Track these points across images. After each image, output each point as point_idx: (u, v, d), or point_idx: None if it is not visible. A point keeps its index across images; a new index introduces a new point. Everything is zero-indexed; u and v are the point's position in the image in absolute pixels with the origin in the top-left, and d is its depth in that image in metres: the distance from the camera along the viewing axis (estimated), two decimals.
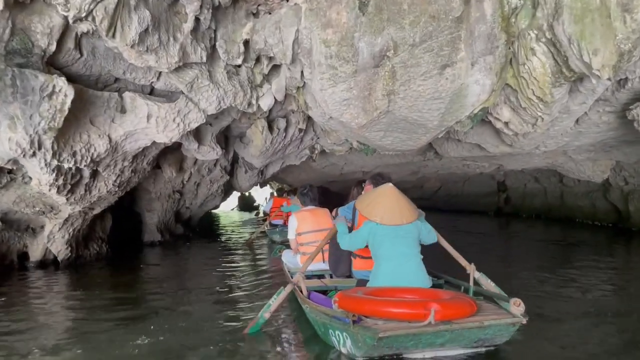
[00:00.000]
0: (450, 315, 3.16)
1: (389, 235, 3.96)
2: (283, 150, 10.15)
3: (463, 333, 3.18)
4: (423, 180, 22.62)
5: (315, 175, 18.04)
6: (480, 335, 3.26)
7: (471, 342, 3.34)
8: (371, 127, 6.41)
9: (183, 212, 12.02)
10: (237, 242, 12.22)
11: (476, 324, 3.17)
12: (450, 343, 3.27)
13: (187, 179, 10.45)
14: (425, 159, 11.22)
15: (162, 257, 8.96)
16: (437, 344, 3.23)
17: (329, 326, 3.50)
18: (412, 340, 3.13)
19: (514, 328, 3.32)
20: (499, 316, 3.36)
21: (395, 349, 3.22)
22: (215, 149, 8.22)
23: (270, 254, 9.29)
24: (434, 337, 3.15)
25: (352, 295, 3.52)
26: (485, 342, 3.38)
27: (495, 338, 3.36)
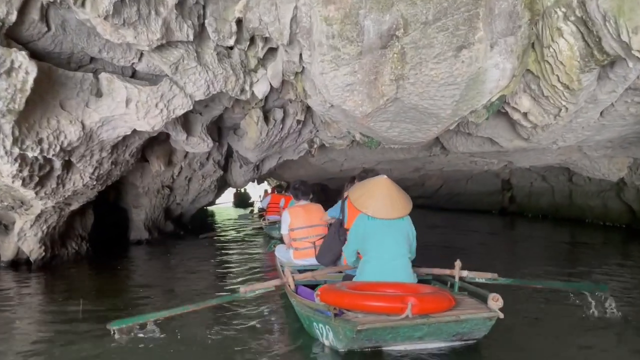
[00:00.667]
0: (427, 309, 3.22)
1: (379, 230, 3.94)
2: (280, 143, 9.51)
3: (440, 327, 3.25)
4: (425, 177, 22.03)
5: (314, 172, 17.39)
6: (457, 329, 3.32)
7: (450, 336, 3.39)
8: (377, 116, 5.78)
9: (173, 209, 11.38)
10: (231, 239, 11.64)
11: (453, 318, 3.23)
12: (429, 337, 3.33)
13: (177, 173, 9.82)
14: (431, 155, 10.58)
15: (148, 257, 8.33)
16: (415, 337, 3.30)
17: (313, 319, 3.57)
18: (390, 333, 3.20)
19: (490, 322, 3.34)
20: (476, 310, 3.41)
21: (374, 341, 3.29)
22: (206, 140, 7.59)
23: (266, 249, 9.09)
24: (412, 331, 3.22)
25: (333, 288, 3.58)
26: (464, 336, 3.42)
27: (474, 332, 3.40)
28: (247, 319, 4.34)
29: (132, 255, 8.39)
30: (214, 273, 6.99)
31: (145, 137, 6.70)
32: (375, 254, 3.89)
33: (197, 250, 9.26)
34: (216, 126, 9.66)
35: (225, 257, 8.67)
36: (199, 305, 3.97)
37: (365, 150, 11.67)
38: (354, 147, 11.66)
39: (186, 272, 6.95)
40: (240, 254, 9.51)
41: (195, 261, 7.80)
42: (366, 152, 11.75)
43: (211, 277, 6.61)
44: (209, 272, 7.03)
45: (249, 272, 6.97)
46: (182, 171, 10.04)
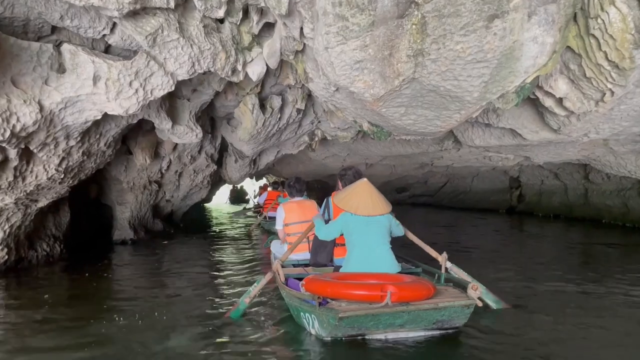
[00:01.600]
0: (406, 297, 3.31)
1: (361, 225, 4.15)
2: (278, 135, 8.69)
3: (420, 314, 3.34)
4: (428, 175, 21.24)
5: (314, 168, 16.57)
6: (437, 317, 3.41)
7: (430, 324, 3.48)
8: (390, 100, 4.96)
9: (163, 206, 10.55)
10: (225, 236, 10.83)
11: (432, 305, 3.33)
12: (410, 324, 3.43)
13: (165, 167, 8.99)
14: (442, 149, 9.74)
15: (131, 259, 7.50)
16: (396, 324, 3.40)
17: (300, 309, 3.71)
18: (371, 320, 3.31)
19: (468, 310, 3.44)
20: (455, 299, 3.49)
21: (357, 329, 3.39)
22: (195, 130, 6.76)
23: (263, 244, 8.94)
24: (392, 318, 3.32)
25: (317, 278, 3.68)
26: (444, 324, 3.51)
27: (453, 320, 3.49)
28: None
29: (113, 257, 7.56)
30: (202, 278, 6.14)
31: (123, 124, 5.87)
32: (360, 246, 4.11)
33: (188, 251, 8.43)
34: (208, 116, 8.83)
35: (216, 257, 7.86)
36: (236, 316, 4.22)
37: (370, 143, 10.84)
38: (358, 141, 10.84)
39: (171, 276, 6.12)
40: (233, 252, 8.74)
41: (183, 264, 6.96)
42: (371, 145, 10.92)
43: (198, 283, 5.77)
44: (197, 276, 6.19)
45: (240, 275, 6.24)
46: (171, 165, 9.21)
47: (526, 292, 5.26)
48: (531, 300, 4.89)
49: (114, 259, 7.42)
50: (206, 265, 7.17)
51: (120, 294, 5.23)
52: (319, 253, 4.79)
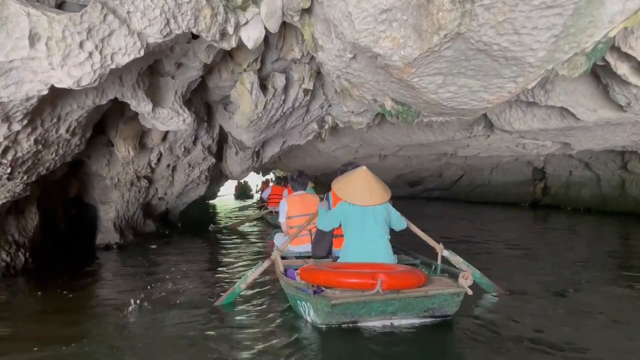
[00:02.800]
0: (396, 285, 3.38)
1: (358, 215, 4.14)
2: (282, 122, 7.56)
3: (410, 302, 3.41)
4: (443, 167, 20.06)
5: (323, 161, 15.44)
6: (427, 305, 3.47)
7: (422, 312, 3.54)
8: (425, 65, 3.81)
9: (155, 205, 9.44)
10: (228, 234, 9.74)
11: (421, 293, 3.39)
12: (401, 312, 3.50)
13: (155, 160, 7.88)
14: (470, 136, 8.56)
15: (113, 269, 6.41)
16: (388, 312, 3.47)
17: (297, 297, 3.79)
18: (363, 307, 3.38)
19: (458, 298, 3.49)
20: (444, 287, 3.55)
21: (350, 316, 3.45)
22: (182, 114, 5.64)
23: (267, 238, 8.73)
24: (384, 305, 3.39)
25: (312, 268, 3.79)
26: (436, 312, 3.56)
27: (444, 308, 3.54)
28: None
29: (91, 266, 6.44)
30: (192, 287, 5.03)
31: (89, 105, 4.73)
32: (356, 236, 4.12)
33: (180, 254, 7.31)
34: (202, 100, 7.72)
35: (214, 257, 6.77)
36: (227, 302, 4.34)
37: (387, 131, 9.67)
38: (373, 128, 9.68)
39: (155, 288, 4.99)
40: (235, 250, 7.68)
41: (177, 275, 5.81)
42: (388, 133, 9.76)
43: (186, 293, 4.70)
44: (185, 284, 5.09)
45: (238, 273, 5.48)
46: (161, 158, 8.11)
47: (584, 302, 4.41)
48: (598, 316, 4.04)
49: (90, 268, 6.30)
50: (198, 271, 6.07)
51: (83, 320, 4.12)
52: (318, 245, 4.75)
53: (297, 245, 5.29)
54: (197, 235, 9.89)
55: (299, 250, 5.28)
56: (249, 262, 6.63)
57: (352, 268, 3.75)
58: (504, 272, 5.48)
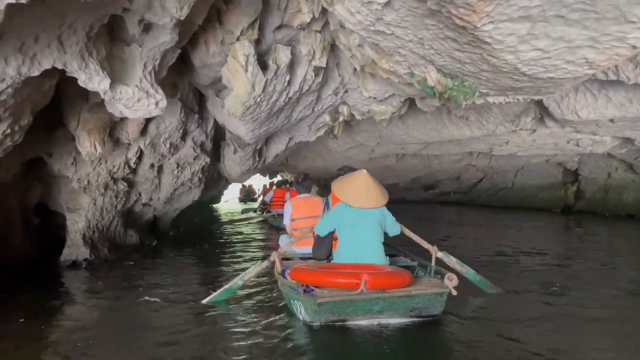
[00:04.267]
0: (381, 285, 3.50)
1: (354, 216, 4.21)
2: (288, 112, 6.17)
3: (395, 301, 3.52)
4: (461, 170, 18.57)
5: (335, 162, 14.01)
6: (412, 304, 3.58)
7: (407, 311, 3.62)
8: (509, 2, 2.40)
9: (139, 212, 8.05)
10: (230, 243, 8.33)
11: (404, 293, 3.51)
12: (387, 311, 3.59)
13: (134, 159, 6.51)
14: (516, 129, 7.07)
15: (69, 295, 5.04)
16: (374, 311, 3.57)
17: (290, 296, 3.92)
18: (349, 306, 3.51)
19: (441, 298, 3.59)
20: (428, 287, 3.66)
21: (337, 314, 3.56)
22: (153, 95, 4.26)
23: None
24: (369, 304, 3.51)
25: (302, 268, 3.95)
26: (422, 312, 3.65)
27: (429, 308, 3.63)
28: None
29: (40, 294, 5.03)
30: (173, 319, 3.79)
31: (13, 76, 3.37)
32: (351, 238, 4.19)
33: (167, 275, 5.93)
34: (190, 86, 6.35)
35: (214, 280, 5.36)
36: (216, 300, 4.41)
37: (411, 125, 8.25)
38: (394, 123, 8.27)
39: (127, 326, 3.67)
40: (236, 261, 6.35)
41: (148, 306, 4.47)
42: (412, 128, 8.33)
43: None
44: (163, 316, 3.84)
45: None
46: (143, 157, 6.75)
47: None
48: None
49: (38, 298, 4.90)
50: (180, 295, 4.71)
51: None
52: (319, 248, 4.74)
53: (302, 247, 5.35)
54: (190, 246, 8.47)
55: (303, 252, 5.30)
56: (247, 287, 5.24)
57: (339, 268, 3.89)
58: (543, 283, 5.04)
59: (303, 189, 5.87)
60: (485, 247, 8.00)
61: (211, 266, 6.68)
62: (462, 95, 3.70)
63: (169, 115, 6.28)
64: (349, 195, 4.25)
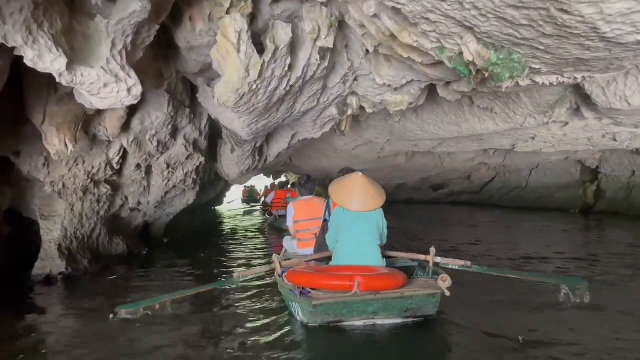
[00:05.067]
0: (374, 287, 3.53)
1: (351, 220, 4.24)
2: (289, 103, 5.40)
3: (389, 302, 3.53)
4: (472, 169, 17.73)
5: (341, 162, 13.22)
6: (406, 305, 3.58)
7: (402, 312, 3.64)
8: None
9: (127, 218, 7.28)
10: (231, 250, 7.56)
11: (397, 294, 3.52)
12: (382, 312, 3.61)
13: (116, 159, 5.76)
14: (549, 121, 6.25)
15: (37, 319, 4.30)
16: (369, 312, 3.59)
17: (289, 298, 4.00)
18: (344, 308, 3.53)
19: (434, 299, 3.58)
20: (421, 288, 3.68)
21: (333, 316, 3.60)
22: (124, 80, 3.50)
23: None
24: (364, 306, 3.52)
25: (297, 271, 3.99)
26: (417, 312, 3.66)
27: (423, 309, 3.64)
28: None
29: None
30: None
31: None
32: (348, 241, 4.21)
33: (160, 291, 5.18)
34: (178, 75, 5.61)
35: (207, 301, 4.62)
36: (197, 290, 4.42)
37: (428, 119, 7.47)
38: (407, 117, 7.50)
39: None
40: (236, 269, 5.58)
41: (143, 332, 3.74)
42: (428, 122, 7.54)
43: None
44: None
45: None
46: (127, 156, 6.00)
47: None
48: None
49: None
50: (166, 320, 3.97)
51: None
52: (320, 249, 4.78)
53: (304, 249, 5.42)
54: (185, 255, 7.72)
55: (305, 253, 5.29)
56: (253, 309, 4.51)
57: (334, 271, 3.92)
58: None
59: (305, 191, 5.92)
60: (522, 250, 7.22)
61: (205, 277, 5.91)
62: (507, 73, 2.92)
63: (154, 109, 5.53)
64: (346, 200, 4.30)
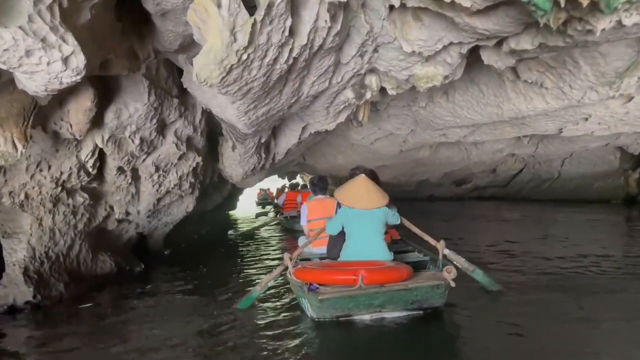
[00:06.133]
0: (378, 280, 3.57)
1: (357, 217, 4.41)
2: (295, 84, 4.36)
3: (394, 295, 3.60)
4: (497, 162, 16.48)
5: (358, 158, 12.16)
6: (411, 297, 3.65)
7: (408, 304, 3.72)
8: None
9: (116, 231, 6.28)
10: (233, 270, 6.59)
11: (401, 287, 3.57)
12: (388, 304, 3.69)
13: (90, 161, 4.79)
14: (615, 94, 5.09)
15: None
16: (375, 305, 3.67)
17: (299, 295, 4.11)
18: (351, 302, 3.61)
19: (439, 290, 3.65)
20: (425, 280, 3.71)
21: (340, 310, 3.68)
22: (58, 46, 2.52)
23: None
24: (369, 299, 3.59)
25: (305, 267, 4.10)
26: (423, 304, 3.74)
27: (430, 300, 3.71)
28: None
29: None
30: None
31: None
32: (354, 237, 4.37)
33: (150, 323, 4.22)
34: (159, 56, 4.61)
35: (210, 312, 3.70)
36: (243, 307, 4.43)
37: (460, 101, 6.38)
38: (435, 101, 6.43)
39: None
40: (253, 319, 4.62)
41: None
42: (460, 105, 6.44)
43: None
44: None
45: None
46: (105, 158, 5.03)
47: None
48: None
49: None
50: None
51: None
52: (332, 248, 4.82)
53: (318, 247, 5.40)
54: (187, 269, 6.74)
55: (318, 252, 5.35)
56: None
57: (339, 266, 4.02)
58: None
59: (318, 189, 5.93)
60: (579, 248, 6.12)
61: (205, 299, 4.94)
62: None
63: (133, 99, 4.56)
64: (351, 199, 4.47)
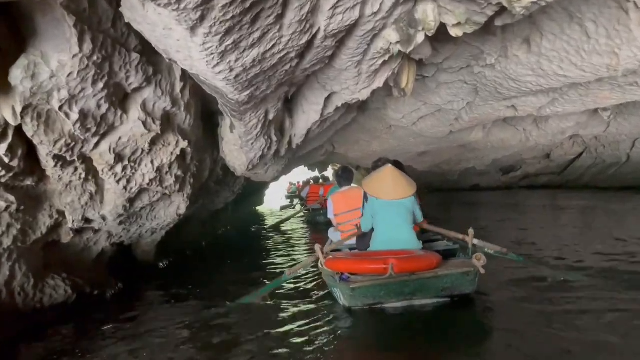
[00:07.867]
0: (408, 268, 3.61)
1: (384, 207, 4.42)
2: (302, 9, 2.67)
3: (424, 282, 3.66)
4: (551, 146, 14.38)
5: (397, 145, 10.50)
6: (441, 285, 3.70)
7: (438, 291, 3.77)
8: None
9: (75, 244, 4.52)
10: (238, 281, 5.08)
11: (432, 274, 3.64)
12: (419, 292, 3.75)
13: (2, 148, 3.18)
14: None
15: None
16: (406, 293, 3.73)
17: (331, 284, 4.27)
18: (381, 290, 3.68)
19: (469, 277, 3.68)
20: (455, 268, 3.75)
21: (372, 298, 3.76)
22: None
23: None
24: (400, 287, 3.66)
25: (335, 257, 4.13)
26: (454, 291, 3.77)
27: (460, 287, 3.75)
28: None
29: None
30: None
31: None
32: (383, 227, 4.39)
33: None
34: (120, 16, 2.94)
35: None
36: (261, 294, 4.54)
37: (550, 50, 4.51)
38: (511, 52, 4.62)
39: None
40: None
41: None
42: (551, 55, 4.54)
43: None
44: None
45: None
46: (31, 144, 3.42)
47: None
48: None
49: None
50: None
51: None
52: (361, 240, 4.86)
53: (348, 239, 5.23)
54: (183, 287, 5.16)
55: (349, 244, 5.25)
56: None
57: (369, 255, 4.02)
58: None
59: (343, 180, 5.83)
60: None
61: (200, 339, 3.36)
62: None
63: (53, 49, 2.93)
64: (378, 190, 4.45)
